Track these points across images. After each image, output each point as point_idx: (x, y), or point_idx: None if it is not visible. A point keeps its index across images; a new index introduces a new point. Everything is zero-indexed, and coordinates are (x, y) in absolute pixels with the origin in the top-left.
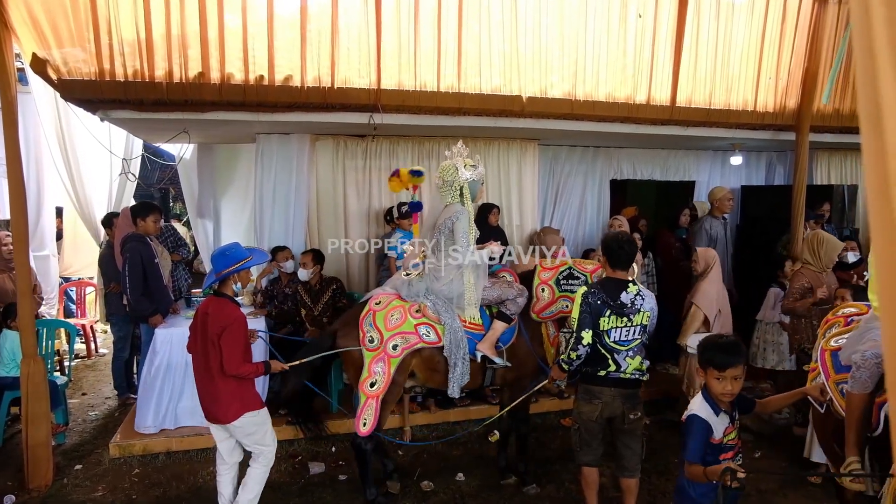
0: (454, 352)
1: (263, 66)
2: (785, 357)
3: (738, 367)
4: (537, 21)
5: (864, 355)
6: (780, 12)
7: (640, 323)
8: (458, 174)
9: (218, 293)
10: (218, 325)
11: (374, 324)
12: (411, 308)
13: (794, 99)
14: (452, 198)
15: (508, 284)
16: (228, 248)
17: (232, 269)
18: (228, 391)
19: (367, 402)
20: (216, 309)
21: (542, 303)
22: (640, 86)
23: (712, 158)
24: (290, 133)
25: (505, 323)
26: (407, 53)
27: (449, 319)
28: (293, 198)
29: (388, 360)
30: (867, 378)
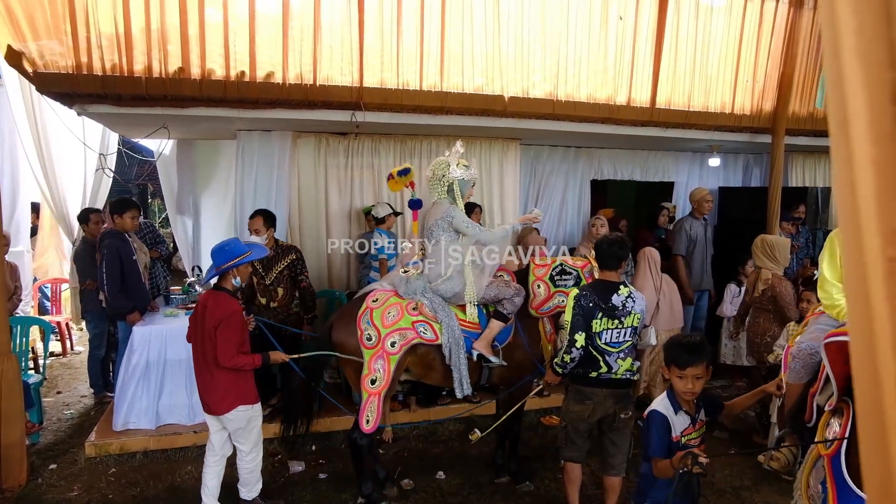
0: (454, 351)
1: (245, 62)
2: (742, 353)
3: (698, 367)
4: (519, 21)
5: (799, 346)
6: (757, 17)
7: (632, 325)
8: (448, 170)
9: (217, 287)
10: (215, 317)
11: (371, 321)
12: (408, 305)
13: (770, 102)
14: (439, 194)
15: (506, 283)
16: (228, 243)
17: (231, 264)
18: (224, 383)
19: (369, 400)
20: (214, 302)
21: (539, 299)
22: (621, 87)
23: (691, 160)
24: (272, 130)
25: (502, 322)
26: (390, 52)
27: (446, 318)
28: (274, 195)
29: (388, 358)
30: (800, 368)
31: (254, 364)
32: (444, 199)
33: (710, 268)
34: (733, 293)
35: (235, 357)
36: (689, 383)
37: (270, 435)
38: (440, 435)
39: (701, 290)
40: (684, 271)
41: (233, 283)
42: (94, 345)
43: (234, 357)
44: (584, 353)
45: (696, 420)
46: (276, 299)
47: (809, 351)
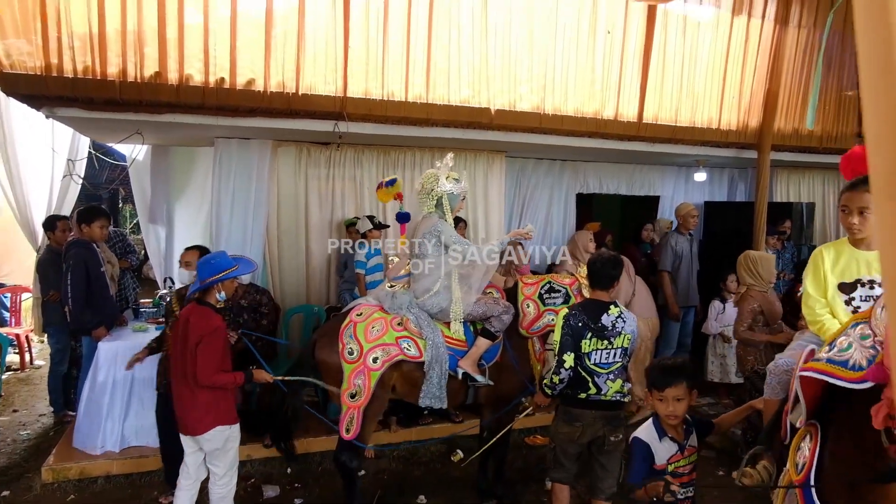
0: (433, 367)
1: (225, 68)
2: (729, 370)
3: (677, 388)
4: (507, 33)
5: (776, 363)
6: (744, 34)
7: (621, 346)
8: (437, 184)
9: (201, 301)
10: (197, 333)
11: (354, 335)
12: (393, 321)
13: (756, 118)
14: (428, 207)
15: (495, 301)
16: (214, 256)
17: (216, 278)
18: (203, 402)
19: (348, 411)
20: (197, 317)
21: (528, 318)
22: (608, 101)
23: (676, 174)
24: (251, 138)
25: (489, 340)
26: (375, 61)
27: (431, 334)
28: (252, 205)
29: (368, 374)
30: (776, 384)
31: (235, 382)
32: (433, 213)
33: (696, 283)
34: (717, 310)
35: (216, 375)
36: (670, 406)
37: (243, 457)
38: (421, 456)
39: (687, 306)
40: (670, 287)
41: (217, 297)
42: (56, 360)
43: (215, 375)
44: (573, 373)
45: (684, 447)
46: None
47: (785, 367)
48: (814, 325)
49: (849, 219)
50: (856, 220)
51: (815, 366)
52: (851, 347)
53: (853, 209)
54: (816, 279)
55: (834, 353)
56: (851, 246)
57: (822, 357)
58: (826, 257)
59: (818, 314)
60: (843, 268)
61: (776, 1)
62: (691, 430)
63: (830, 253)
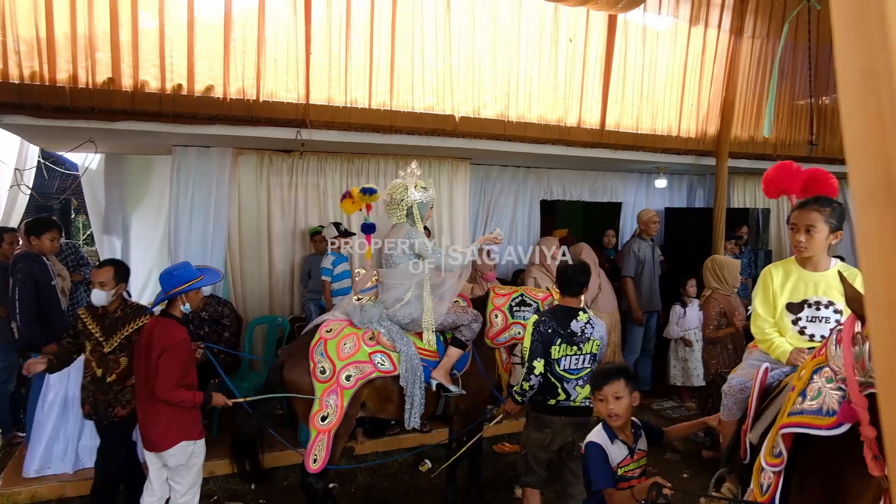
0: (411, 381)
1: (182, 74)
2: (691, 374)
3: (614, 384)
4: (471, 41)
5: (730, 383)
6: (701, 43)
7: (590, 351)
8: (407, 193)
9: (165, 314)
10: (160, 346)
11: (325, 353)
12: (364, 335)
13: (713, 126)
14: (399, 217)
15: (463, 309)
16: (177, 267)
17: (180, 290)
18: (167, 416)
19: (317, 437)
20: (160, 330)
21: (495, 329)
22: (571, 108)
23: (638, 180)
24: (211, 146)
25: (460, 349)
26: (337, 68)
27: (404, 347)
28: (212, 215)
29: (342, 392)
30: (732, 405)
31: (194, 402)
32: (403, 223)
33: (658, 288)
34: (678, 314)
35: (176, 390)
36: (610, 403)
37: (206, 473)
38: (388, 467)
39: (650, 311)
40: (634, 292)
41: (181, 309)
42: (2, 379)
43: (175, 390)
44: (543, 379)
45: (633, 450)
46: (114, 371)
47: (740, 387)
48: (762, 344)
49: (796, 236)
50: (802, 238)
51: (794, 420)
52: (821, 394)
53: (801, 227)
54: (766, 299)
55: (807, 404)
56: (800, 266)
57: (797, 409)
58: (775, 276)
59: (767, 333)
60: (792, 288)
61: (731, 12)
62: (640, 434)
63: (779, 272)
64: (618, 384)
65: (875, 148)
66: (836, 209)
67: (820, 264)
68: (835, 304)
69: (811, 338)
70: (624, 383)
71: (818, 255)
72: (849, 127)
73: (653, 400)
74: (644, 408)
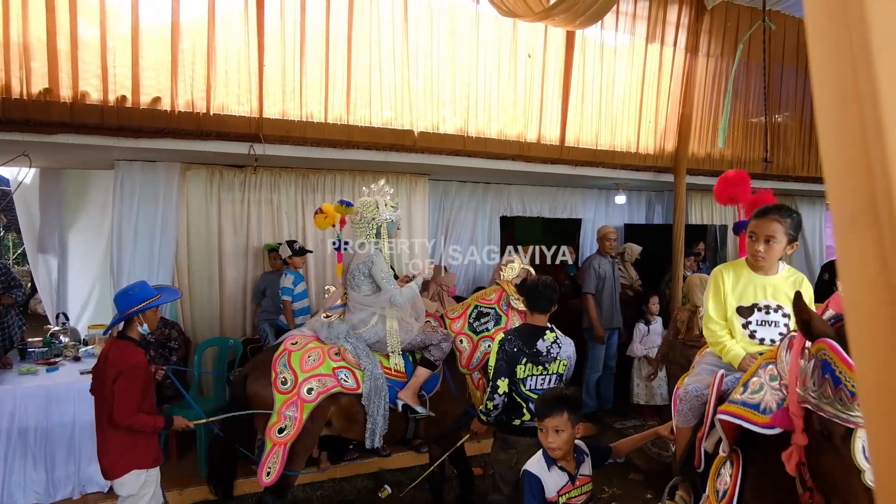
0: (374, 400)
1: (126, 85)
2: (654, 392)
3: (556, 418)
4: (429, 54)
5: (686, 388)
6: (657, 61)
7: (556, 371)
8: (377, 212)
9: (121, 335)
10: (115, 369)
11: (288, 364)
12: (330, 350)
13: (671, 142)
14: (367, 236)
15: (433, 328)
16: (133, 287)
17: (136, 309)
18: (119, 443)
19: (272, 450)
20: (117, 352)
21: (465, 354)
22: (531, 124)
23: (597, 197)
24: (157, 161)
25: (428, 370)
26: (292, 81)
27: (370, 365)
28: (159, 232)
29: (301, 405)
30: (688, 411)
31: (155, 427)
32: (369, 241)
33: (619, 305)
34: (642, 332)
35: (134, 416)
36: (549, 436)
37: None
38: (346, 494)
39: (611, 329)
40: (595, 309)
41: (139, 330)
42: None
43: (133, 416)
44: (509, 399)
45: (575, 477)
46: None
47: (696, 393)
48: (715, 347)
49: (755, 246)
50: (761, 248)
51: (730, 409)
52: (763, 390)
53: (760, 237)
54: (717, 300)
55: (747, 396)
56: (750, 269)
57: (737, 399)
58: (726, 278)
59: (719, 336)
60: (742, 291)
61: (686, 31)
62: (583, 460)
63: (730, 274)
64: (559, 418)
65: (856, 170)
66: (795, 219)
67: (770, 269)
68: (783, 308)
69: (761, 341)
70: (566, 416)
71: (771, 263)
72: (827, 149)
73: (616, 419)
74: (606, 426)
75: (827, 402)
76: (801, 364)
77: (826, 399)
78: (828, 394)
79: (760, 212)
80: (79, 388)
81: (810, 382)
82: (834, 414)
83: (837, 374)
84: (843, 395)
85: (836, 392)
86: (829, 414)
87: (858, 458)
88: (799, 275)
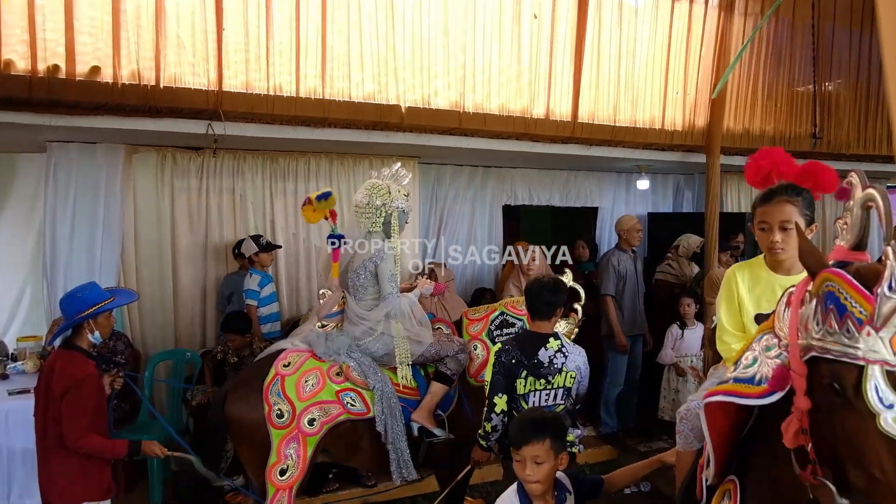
0: (391, 425)
1: (59, 53)
2: None
3: (535, 446)
4: (417, 16)
5: (688, 406)
6: (686, 22)
7: (563, 385)
8: (390, 198)
9: (68, 345)
10: (62, 384)
11: (283, 392)
12: (330, 370)
13: (703, 117)
14: (374, 225)
15: (448, 337)
16: (81, 288)
17: (87, 314)
18: (67, 471)
19: (276, 496)
20: (63, 364)
21: (477, 362)
22: (538, 97)
23: (616, 182)
24: (97, 142)
25: (445, 385)
26: (256, 47)
27: (378, 383)
28: (100, 226)
29: (304, 440)
30: (689, 432)
31: (114, 453)
32: (377, 232)
33: (642, 307)
34: (675, 336)
35: (87, 437)
36: (527, 468)
37: None
38: None
39: (634, 335)
40: (615, 314)
41: (89, 339)
42: None
43: (86, 437)
44: (508, 419)
45: None
46: None
47: (699, 411)
48: (729, 363)
49: (769, 237)
50: (778, 238)
51: (721, 388)
52: (757, 362)
53: (773, 224)
54: (731, 307)
55: (739, 371)
56: (769, 269)
57: (729, 377)
58: (741, 281)
59: (734, 350)
60: (760, 295)
61: None
62: (564, 498)
63: (745, 276)
64: (539, 446)
65: None
66: (807, 197)
67: (793, 267)
68: None
69: None
70: (549, 445)
71: (793, 257)
72: None
73: (640, 440)
74: (629, 450)
75: (833, 339)
76: (801, 311)
77: (831, 335)
78: (833, 328)
79: (765, 196)
80: (6, 411)
81: (812, 324)
82: (842, 352)
83: (843, 300)
84: (850, 325)
85: (843, 322)
86: (837, 353)
87: (872, 400)
88: None
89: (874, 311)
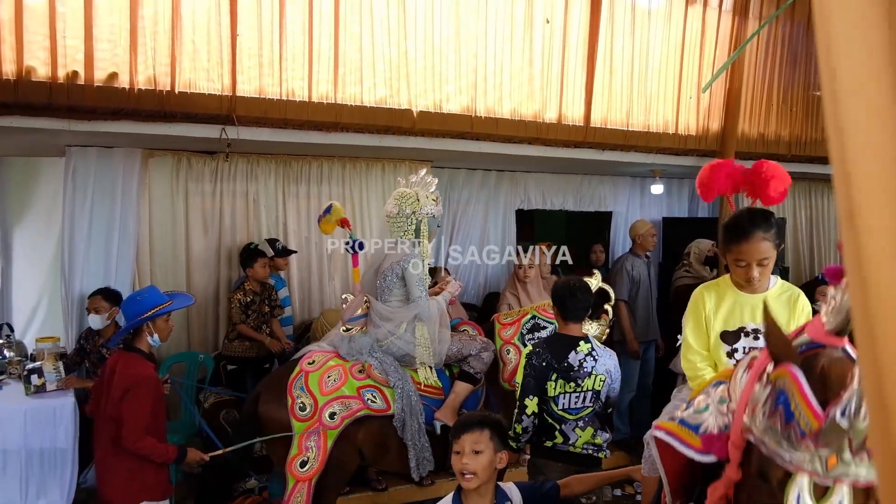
0: (409, 423)
1: (78, 59)
2: None
3: (475, 433)
4: (429, 21)
5: (653, 431)
6: (700, 25)
7: (592, 388)
8: (419, 206)
9: (129, 347)
10: (122, 385)
11: (306, 387)
12: (353, 368)
13: (717, 121)
14: (405, 233)
15: (470, 337)
16: (142, 292)
17: (145, 317)
18: (127, 469)
19: (296, 487)
20: (124, 366)
21: (510, 367)
22: (550, 101)
23: (630, 186)
24: (114, 146)
25: (469, 384)
26: (270, 53)
27: (399, 382)
28: (117, 229)
29: (324, 433)
30: (650, 458)
31: (166, 457)
32: (407, 239)
33: (655, 313)
34: None
35: (144, 438)
36: (465, 457)
37: None
38: None
39: (647, 341)
40: (629, 320)
41: (149, 341)
42: None
43: (143, 438)
44: (540, 420)
45: None
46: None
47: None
48: (693, 382)
49: (748, 272)
50: (756, 274)
51: (667, 425)
52: (708, 410)
53: (752, 263)
54: (698, 327)
55: (689, 414)
56: (735, 288)
57: (678, 416)
58: (707, 300)
59: (699, 369)
60: (727, 314)
61: None
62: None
63: (712, 295)
64: (479, 434)
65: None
66: (776, 223)
67: (760, 286)
68: None
69: None
70: (488, 435)
71: (764, 279)
72: None
73: None
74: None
75: (772, 437)
76: (756, 389)
77: (772, 433)
78: (776, 427)
79: (741, 233)
80: (24, 411)
81: (760, 412)
82: (776, 451)
83: (792, 408)
84: (792, 433)
85: (786, 428)
86: (771, 450)
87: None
88: (795, 290)
89: (819, 431)
